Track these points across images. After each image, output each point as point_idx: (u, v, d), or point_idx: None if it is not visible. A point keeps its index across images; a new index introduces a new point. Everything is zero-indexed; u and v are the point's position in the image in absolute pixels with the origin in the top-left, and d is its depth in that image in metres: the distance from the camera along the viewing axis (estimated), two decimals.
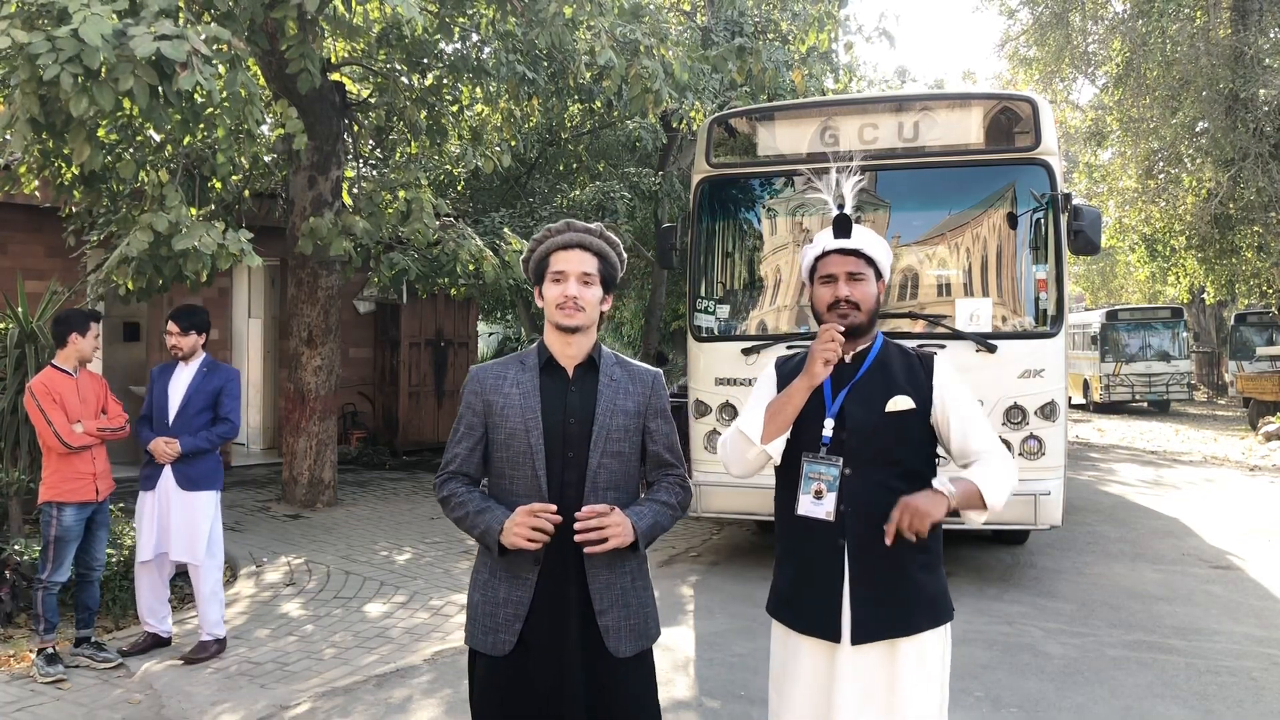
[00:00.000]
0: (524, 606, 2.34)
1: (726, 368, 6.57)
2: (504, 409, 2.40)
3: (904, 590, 2.42)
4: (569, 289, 2.38)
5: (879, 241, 2.56)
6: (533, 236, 2.51)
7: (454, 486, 2.43)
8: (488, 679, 2.39)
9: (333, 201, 8.36)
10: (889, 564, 2.41)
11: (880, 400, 2.46)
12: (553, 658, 2.34)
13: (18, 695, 4.46)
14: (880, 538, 2.37)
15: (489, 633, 2.37)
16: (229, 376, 5.08)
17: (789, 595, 2.54)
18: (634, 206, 11.50)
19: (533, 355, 2.48)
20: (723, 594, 6.18)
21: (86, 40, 4.59)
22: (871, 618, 2.40)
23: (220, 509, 5.07)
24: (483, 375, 2.47)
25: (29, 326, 6.16)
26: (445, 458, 2.47)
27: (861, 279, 2.49)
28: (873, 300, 2.51)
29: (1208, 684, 4.64)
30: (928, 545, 2.42)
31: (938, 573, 2.48)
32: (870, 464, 2.45)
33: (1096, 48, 18.53)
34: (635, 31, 7.68)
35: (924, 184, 6.52)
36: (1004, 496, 2.41)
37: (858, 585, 2.42)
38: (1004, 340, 6.12)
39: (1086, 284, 34.06)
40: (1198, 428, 18.67)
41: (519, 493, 2.37)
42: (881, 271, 2.54)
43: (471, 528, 2.38)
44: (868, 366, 2.52)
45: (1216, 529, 8.44)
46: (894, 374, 2.50)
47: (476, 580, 2.46)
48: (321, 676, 4.67)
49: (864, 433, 2.45)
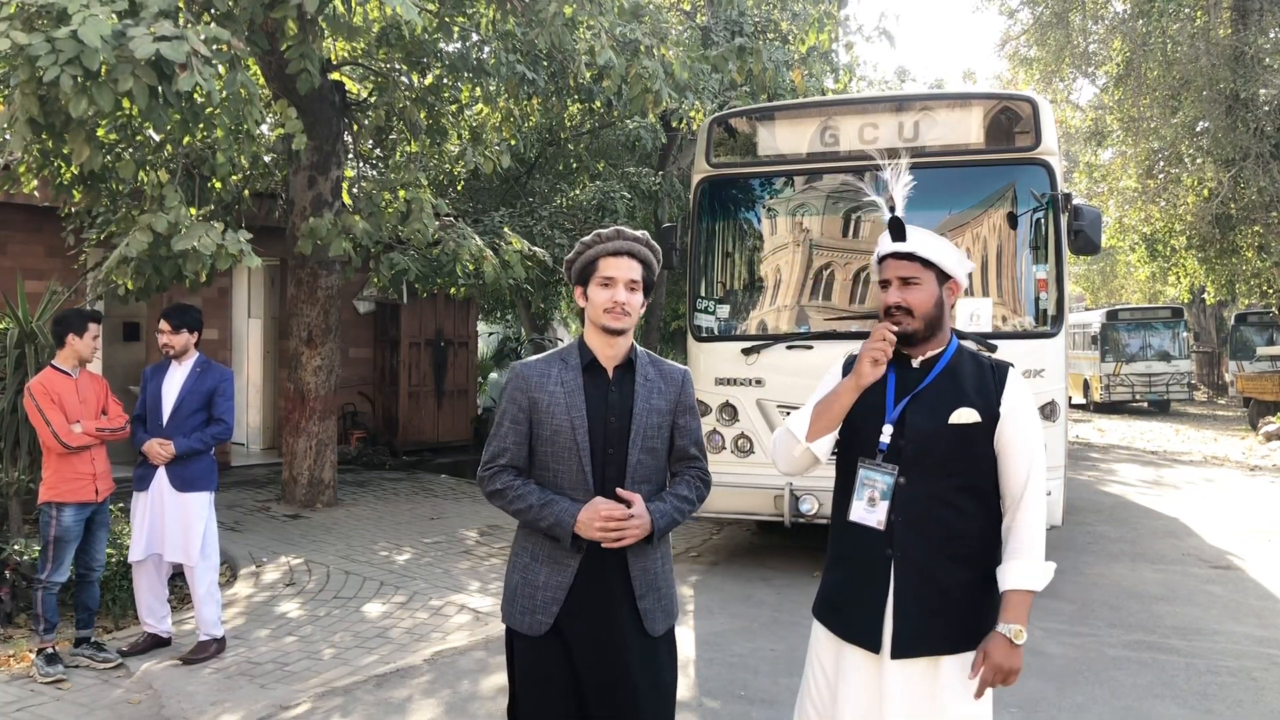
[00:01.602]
0: (563, 591, 2.48)
1: (726, 368, 6.57)
2: (549, 406, 2.51)
3: (949, 608, 2.36)
4: (618, 294, 2.50)
5: (937, 242, 2.47)
6: (581, 239, 2.59)
7: (508, 479, 2.53)
8: (527, 657, 2.53)
9: (332, 201, 8.36)
10: (935, 579, 2.37)
11: (945, 410, 2.39)
12: (593, 639, 2.48)
13: (18, 695, 4.46)
14: (930, 552, 2.36)
15: (526, 613, 2.51)
16: (223, 377, 5.05)
17: (836, 601, 2.50)
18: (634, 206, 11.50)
19: (574, 354, 2.59)
20: (723, 594, 6.18)
21: (86, 41, 4.58)
22: (913, 632, 2.35)
23: (215, 509, 5.06)
24: (527, 372, 2.56)
25: (29, 326, 6.16)
26: (492, 450, 2.55)
27: (916, 284, 2.41)
28: (930, 305, 2.41)
29: (1208, 684, 4.64)
30: (978, 562, 2.39)
31: (988, 593, 2.38)
32: (927, 476, 2.39)
33: (1097, 48, 18.53)
34: (635, 31, 7.68)
35: (924, 184, 6.45)
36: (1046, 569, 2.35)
37: (902, 598, 2.37)
38: (1004, 340, 6.11)
39: (1086, 284, 34.06)
40: (1198, 428, 18.66)
41: (564, 486, 2.50)
42: (948, 272, 2.44)
43: (538, 519, 2.48)
44: (936, 374, 2.44)
45: (1217, 529, 8.44)
46: (963, 384, 2.41)
47: (516, 563, 2.59)
48: (321, 677, 4.67)
49: (923, 443, 2.39)
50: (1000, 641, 2.29)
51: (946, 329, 2.48)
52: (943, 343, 2.47)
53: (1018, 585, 2.31)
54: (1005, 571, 2.34)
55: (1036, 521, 2.35)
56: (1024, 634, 2.29)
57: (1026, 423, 2.40)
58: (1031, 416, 2.42)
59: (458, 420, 13.20)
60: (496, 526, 8.00)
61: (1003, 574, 2.34)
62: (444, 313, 12.91)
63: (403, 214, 8.18)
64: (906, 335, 2.42)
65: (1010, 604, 2.31)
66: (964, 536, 2.40)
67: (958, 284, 2.47)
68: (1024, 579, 2.31)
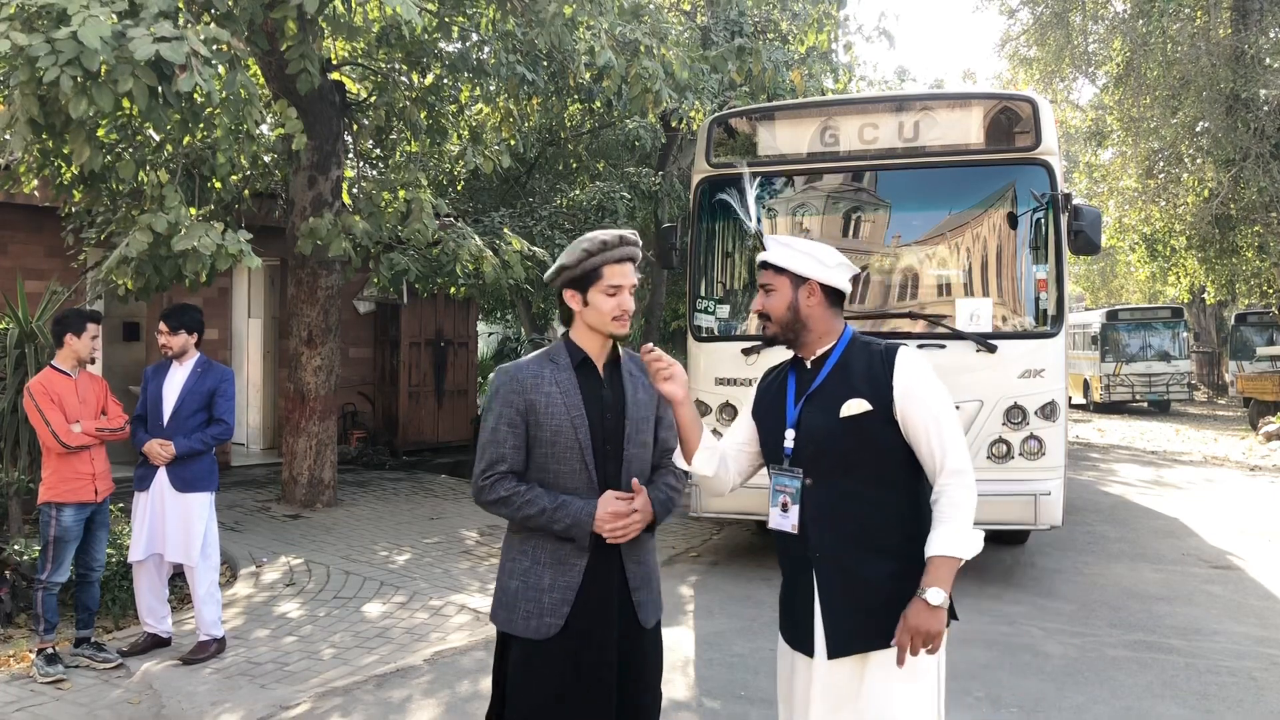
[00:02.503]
0: (572, 591, 2.46)
1: (726, 368, 6.57)
2: (547, 407, 2.48)
3: (878, 602, 2.34)
4: (626, 303, 2.50)
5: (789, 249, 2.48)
6: (579, 245, 2.50)
7: (511, 485, 2.48)
8: (529, 662, 2.48)
9: (332, 201, 8.35)
10: (858, 575, 2.36)
11: (836, 405, 2.39)
12: (598, 636, 2.47)
13: (18, 695, 4.46)
14: (848, 549, 2.35)
15: (532, 618, 2.46)
16: (223, 377, 5.05)
17: (783, 610, 2.55)
18: (634, 206, 11.49)
19: (562, 354, 2.55)
20: (723, 594, 6.18)
21: (85, 42, 4.58)
22: (844, 631, 2.35)
23: (215, 510, 5.06)
24: (520, 375, 2.51)
25: (29, 326, 6.16)
26: (489, 458, 2.49)
27: (771, 290, 2.48)
28: (783, 309, 2.47)
29: (1208, 684, 4.64)
30: (901, 552, 2.36)
31: (915, 581, 2.34)
32: (830, 473, 2.39)
33: (1097, 47, 18.52)
34: (635, 31, 7.68)
35: (924, 184, 6.52)
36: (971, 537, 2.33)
37: (828, 598, 2.37)
38: (1004, 340, 6.12)
39: (1086, 284, 34.06)
40: (1198, 428, 18.66)
41: (566, 486, 2.48)
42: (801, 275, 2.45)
43: (551, 521, 2.44)
44: (826, 371, 2.45)
45: (1217, 529, 8.44)
46: (853, 375, 2.41)
47: (513, 569, 2.53)
48: (321, 677, 4.67)
49: (820, 441, 2.40)
50: (917, 604, 2.26)
51: (825, 327, 2.48)
52: (831, 339, 2.48)
53: (937, 551, 2.29)
54: (929, 540, 2.32)
55: (958, 491, 2.32)
56: (941, 594, 2.25)
57: (923, 397, 2.35)
58: (928, 390, 2.36)
59: (458, 420, 13.20)
60: (496, 527, 8.00)
61: (928, 544, 2.33)
62: (444, 313, 12.91)
63: (403, 214, 8.17)
64: (770, 339, 2.50)
65: (930, 568, 2.29)
66: (881, 528, 2.38)
67: (815, 285, 2.46)
68: (943, 545, 2.29)
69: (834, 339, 2.49)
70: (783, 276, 2.47)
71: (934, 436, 2.34)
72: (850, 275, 2.52)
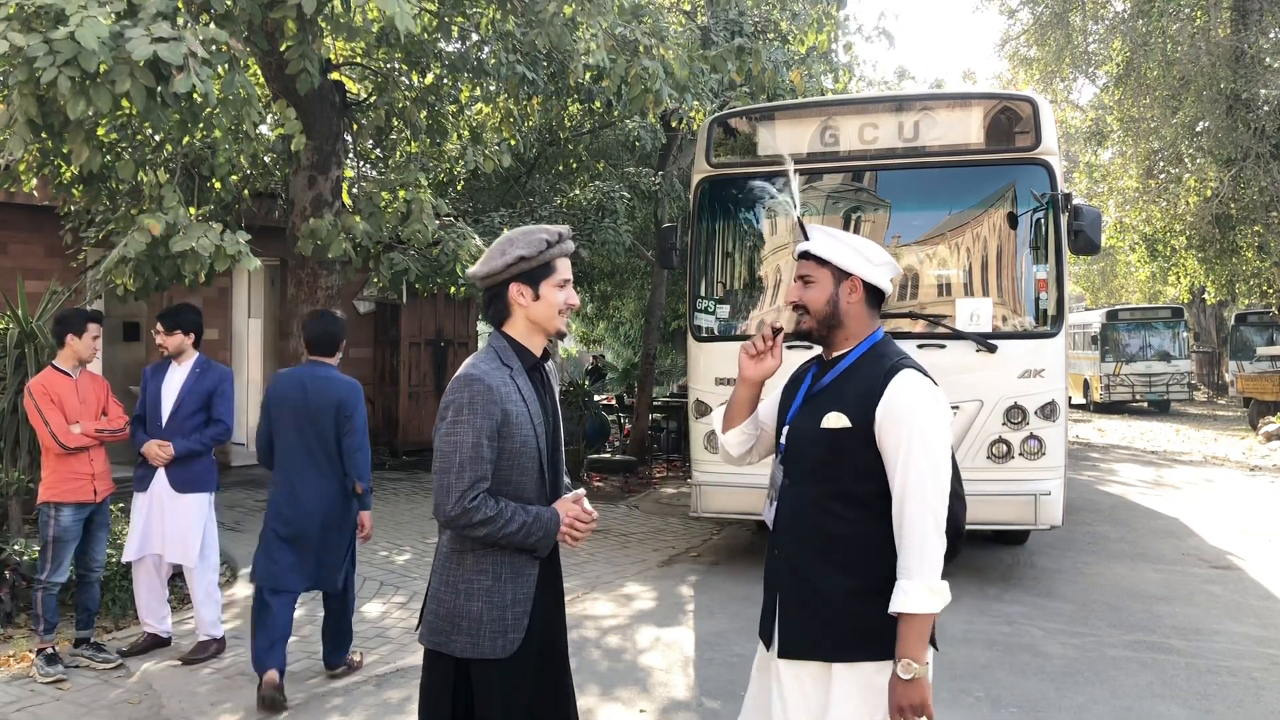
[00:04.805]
0: (530, 601, 2.39)
1: (726, 368, 6.56)
2: (518, 417, 2.35)
3: (830, 614, 2.25)
4: (573, 297, 2.45)
5: (834, 240, 2.38)
6: (536, 236, 2.38)
7: (494, 504, 2.30)
8: (504, 683, 2.36)
9: (332, 202, 8.34)
10: (812, 584, 2.28)
11: (823, 414, 2.30)
12: (559, 643, 2.51)
13: (17, 695, 4.46)
14: (806, 556, 2.30)
15: (498, 636, 2.34)
16: (222, 377, 5.05)
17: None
18: (634, 206, 11.49)
19: (512, 358, 2.41)
20: (723, 594, 6.18)
21: (83, 43, 4.58)
22: (793, 633, 2.30)
23: (214, 510, 5.06)
24: (494, 384, 2.33)
25: (29, 326, 6.16)
26: (470, 477, 2.27)
27: (811, 282, 2.36)
28: (822, 303, 2.34)
29: (1208, 684, 4.64)
30: (860, 571, 2.24)
31: (877, 603, 2.18)
32: (803, 478, 2.33)
33: (1097, 47, 18.52)
34: (635, 31, 7.68)
35: (924, 184, 6.52)
36: (936, 594, 2.13)
37: (785, 598, 2.34)
38: (1004, 340, 6.12)
39: (1086, 284, 34.06)
40: (1198, 428, 18.66)
41: (526, 496, 2.38)
42: (845, 270, 2.34)
43: (528, 536, 2.33)
44: (834, 375, 2.36)
45: (1217, 529, 8.44)
46: (850, 387, 2.29)
47: (474, 590, 2.35)
48: (321, 676, 4.67)
49: (799, 445, 2.35)
50: (892, 680, 2.14)
51: (859, 328, 2.36)
52: (852, 342, 2.36)
53: (896, 608, 2.14)
54: (895, 594, 2.15)
55: (918, 539, 2.14)
56: (913, 666, 2.10)
57: (900, 431, 2.18)
58: (911, 425, 2.17)
59: None
60: None
61: (893, 598, 2.16)
62: (444, 313, 12.91)
63: (403, 214, 8.17)
64: (803, 333, 2.40)
65: (900, 631, 2.14)
66: (842, 543, 2.26)
67: (858, 281, 2.34)
68: (902, 601, 2.13)
69: (857, 341, 2.36)
70: (825, 269, 2.35)
71: (898, 472, 2.17)
72: (893, 275, 2.41)
